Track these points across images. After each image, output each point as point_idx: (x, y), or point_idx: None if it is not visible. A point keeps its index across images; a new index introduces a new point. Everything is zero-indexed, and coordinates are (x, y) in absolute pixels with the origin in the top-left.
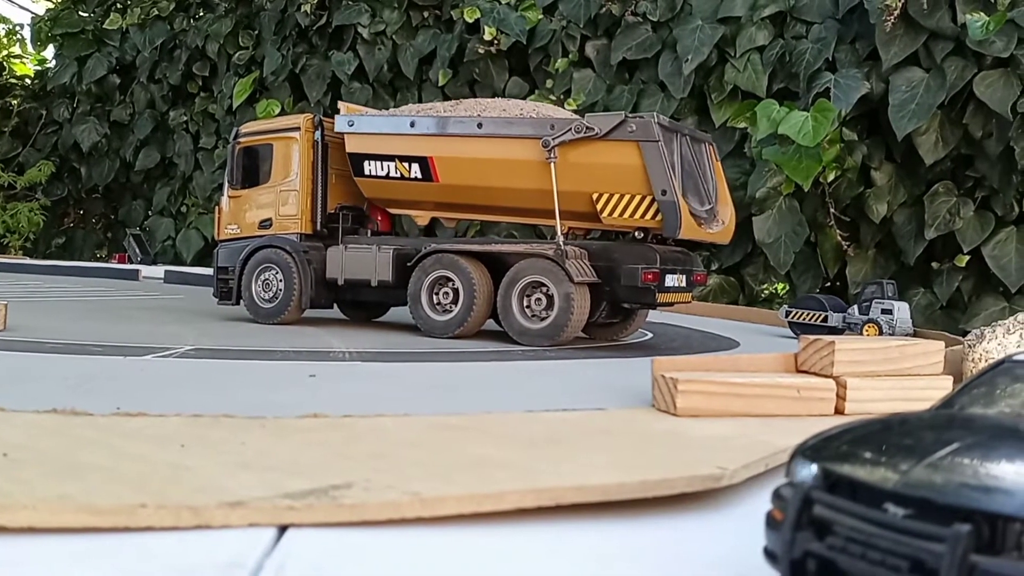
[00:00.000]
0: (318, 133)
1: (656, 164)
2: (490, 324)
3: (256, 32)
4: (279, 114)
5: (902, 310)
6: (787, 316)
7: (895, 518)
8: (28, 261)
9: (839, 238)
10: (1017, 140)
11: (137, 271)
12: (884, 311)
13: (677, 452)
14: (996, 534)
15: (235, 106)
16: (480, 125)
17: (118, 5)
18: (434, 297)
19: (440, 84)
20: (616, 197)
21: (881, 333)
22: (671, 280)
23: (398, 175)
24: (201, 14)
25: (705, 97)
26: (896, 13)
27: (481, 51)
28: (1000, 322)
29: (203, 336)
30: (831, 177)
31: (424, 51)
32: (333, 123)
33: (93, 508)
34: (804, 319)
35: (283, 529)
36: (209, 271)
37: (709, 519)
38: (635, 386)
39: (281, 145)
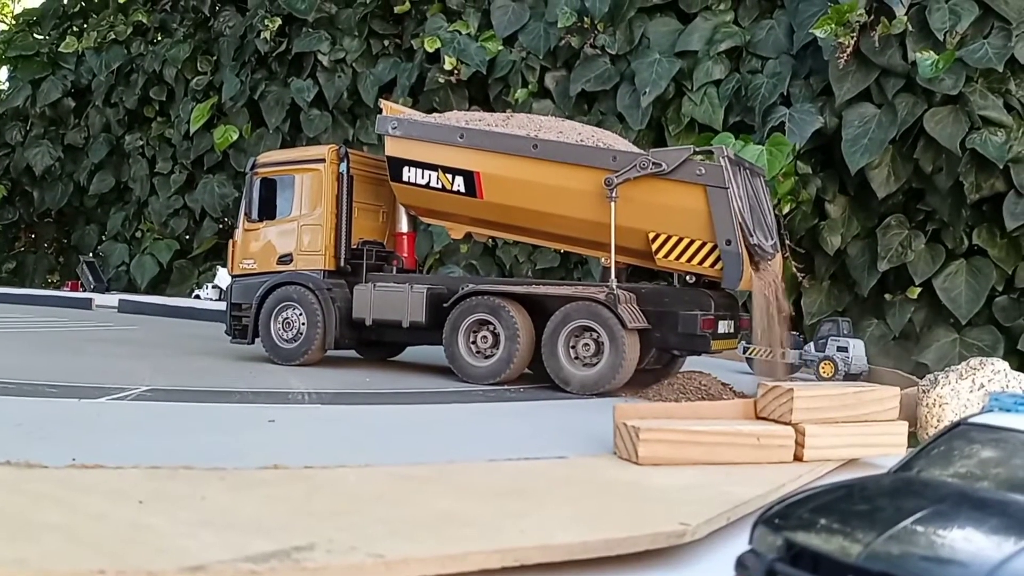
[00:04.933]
0: (344, 165)
1: (723, 211)
2: (438, 359)
3: (215, 58)
4: (237, 140)
5: (857, 347)
6: (745, 352)
7: None
8: None
9: (794, 269)
10: (966, 175)
11: (90, 300)
12: (840, 348)
13: (640, 505)
14: None
15: (192, 131)
16: (535, 146)
17: (74, 28)
18: (471, 340)
19: None
20: (674, 240)
21: (837, 370)
22: (723, 327)
23: (439, 186)
24: (159, 39)
25: (663, 129)
26: (849, 50)
27: (441, 80)
28: (953, 367)
29: (159, 374)
30: (786, 209)
31: (384, 79)
32: (359, 155)
33: (50, 574)
34: (762, 355)
35: None
36: (165, 300)
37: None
38: (596, 429)
39: (304, 177)
